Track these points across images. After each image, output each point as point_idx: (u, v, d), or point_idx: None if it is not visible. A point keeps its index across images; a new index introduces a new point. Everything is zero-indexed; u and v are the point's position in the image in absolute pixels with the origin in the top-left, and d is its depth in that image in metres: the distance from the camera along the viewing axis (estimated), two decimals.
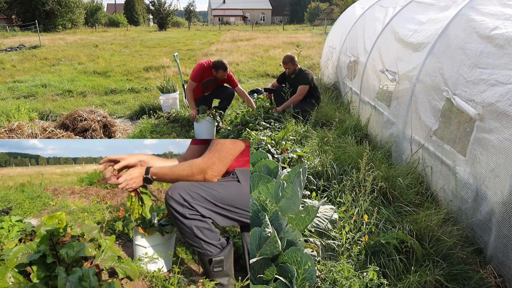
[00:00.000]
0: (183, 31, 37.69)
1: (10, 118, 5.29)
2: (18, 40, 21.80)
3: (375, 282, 1.94)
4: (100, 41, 21.76)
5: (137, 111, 6.31)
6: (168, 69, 10.57)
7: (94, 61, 12.68)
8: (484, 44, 2.44)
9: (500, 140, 2.09)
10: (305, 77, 4.98)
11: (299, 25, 48.53)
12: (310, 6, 60.74)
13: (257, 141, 3.69)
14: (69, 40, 22.01)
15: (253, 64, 11.45)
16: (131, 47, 18.12)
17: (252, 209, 2.06)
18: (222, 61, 4.97)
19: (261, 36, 23.59)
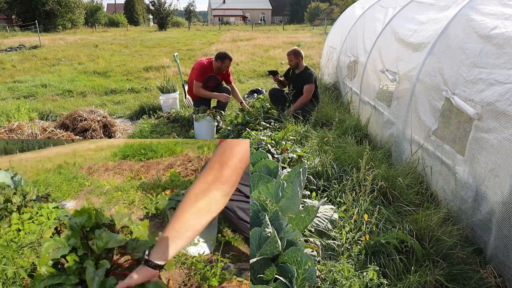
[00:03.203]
0: (183, 31, 37.69)
1: (10, 118, 5.29)
2: (18, 40, 21.81)
3: (375, 282, 1.94)
4: (100, 41, 21.76)
5: (137, 111, 6.32)
6: (168, 69, 10.57)
7: (94, 61, 12.68)
8: (483, 44, 2.45)
9: (499, 139, 2.09)
10: (309, 76, 4.96)
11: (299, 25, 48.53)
12: (310, 6, 60.74)
13: (257, 141, 3.69)
14: (69, 40, 22.01)
15: (253, 64, 11.45)
16: (131, 47, 18.13)
17: (252, 209, 2.06)
18: (226, 52, 5.14)
19: (261, 36, 23.59)
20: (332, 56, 7.27)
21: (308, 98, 4.88)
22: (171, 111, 5.65)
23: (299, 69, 5.08)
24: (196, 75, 5.10)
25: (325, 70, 7.89)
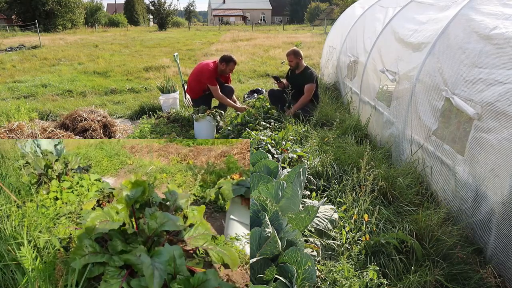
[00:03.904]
0: (183, 31, 37.69)
1: (10, 118, 5.29)
2: (18, 40, 21.80)
3: (375, 282, 1.94)
4: (100, 41, 21.75)
5: (137, 111, 6.31)
6: (168, 69, 10.57)
7: (94, 61, 12.68)
8: (483, 44, 2.45)
9: (499, 140, 2.09)
10: (310, 76, 4.96)
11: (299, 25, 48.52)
12: (310, 6, 60.71)
13: (257, 141, 3.69)
14: (69, 40, 22.01)
15: (253, 64, 11.45)
16: (131, 47, 18.12)
17: (252, 209, 2.06)
18: (232, 55, 5.22)
19: (261, 36, 23.58)
20: (332, 56, 7.27)
21: (309, 97, 4.88)
22: (171, 111, 5.65)
23: (300, 69, 5.08)
24: (210, 79, 5.13)
25: (325, 70, 7.89)
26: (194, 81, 5.33)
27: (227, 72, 5.25)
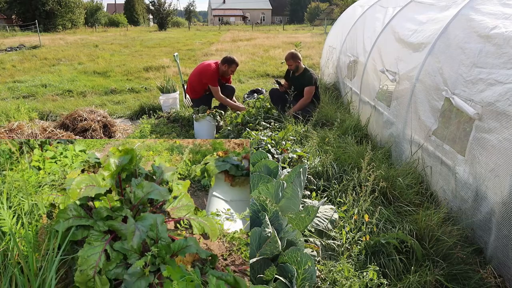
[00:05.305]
0: (183, 31, 37.69)
1: (10, 118, 5.29)
2: (18, 40, 21.81)
3: (375, 282, 1.94)
4: (100, 41, 21.76)
5: (137, 111, 6.31)
6: (168, 69, 10.57)
7: (94, 61, 12.68)
8: (483, 44, 2.44)
9: (499, 140, 2.09)
10: (309, 78, 4.97)
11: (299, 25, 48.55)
12: (310, 6, 60.71)
13: (257, 141, 3.69)
14: (69, 40, 22.01)
15: (253, 64, 11.45)
16: (131, 47, 18.12)
17: (252, 209, 2.06)
18: (234, 57, 5.24)
19: (261, 36, 23.59)
20: (332, 56, 7.27)
21: (308, 100, 4.90)
22: (171, 111, 5.65)
23: (299, 71, 5.10)
24: (211, 80, 5.14)
25: (325, 70, 7.89)
26: (195, 81, 5.33)
27: (228, 74, 5.26)
